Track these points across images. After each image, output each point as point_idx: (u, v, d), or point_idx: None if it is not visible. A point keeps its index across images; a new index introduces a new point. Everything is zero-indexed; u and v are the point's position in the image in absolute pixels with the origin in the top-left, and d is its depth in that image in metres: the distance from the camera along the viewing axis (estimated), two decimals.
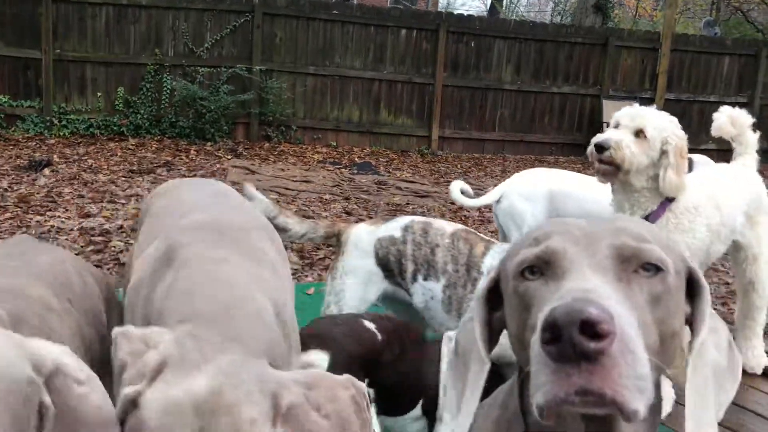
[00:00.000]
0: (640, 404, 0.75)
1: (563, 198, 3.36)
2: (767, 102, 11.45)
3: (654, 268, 0.87)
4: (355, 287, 2.55)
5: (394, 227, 2.59)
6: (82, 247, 5.21)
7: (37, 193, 6.57)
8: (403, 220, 2.64)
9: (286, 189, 7.53)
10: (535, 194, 3.41)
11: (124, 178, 7.47)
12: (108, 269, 4.80)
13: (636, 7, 21.33)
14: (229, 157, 9.02)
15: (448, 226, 2.60)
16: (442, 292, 2.49)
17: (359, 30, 10.23)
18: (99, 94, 9.46)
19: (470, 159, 10.50)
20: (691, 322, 0.96)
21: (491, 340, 1.00)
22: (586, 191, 3.28)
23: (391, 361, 2.10)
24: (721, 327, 0.98)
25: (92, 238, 5.46)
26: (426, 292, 2.52)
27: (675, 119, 2.59)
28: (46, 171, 7.35)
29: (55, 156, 8.11)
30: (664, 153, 2.51)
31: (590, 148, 2.59)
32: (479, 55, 10.66)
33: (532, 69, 10.86)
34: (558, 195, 3.38)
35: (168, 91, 9.53)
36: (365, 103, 10.46)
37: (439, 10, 14.17)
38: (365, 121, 10.50)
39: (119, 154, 8.62)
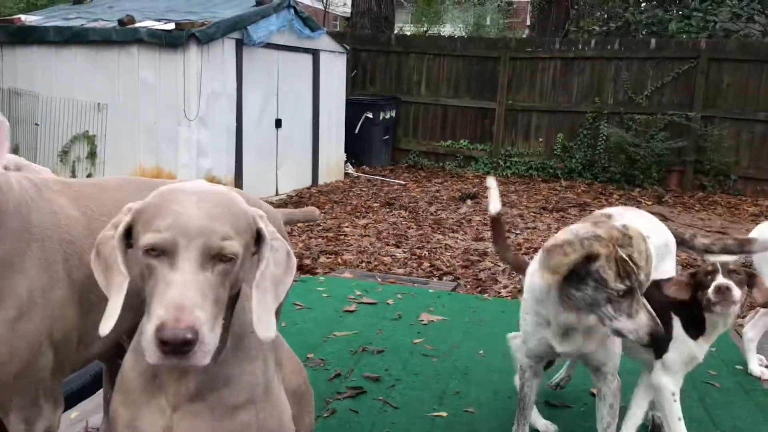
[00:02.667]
0: (207, 359, 1.23)
1: None
2: None
3: (229, 258, 1.27)
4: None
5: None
6: (456, 261, 6.09)
7: (452, 218, 7.77)
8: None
9: None
10: None
11: (533, 214, 8.17)
12: (466, 280, 5.55)
13: None
14: (650, 203, 8.90)
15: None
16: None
17: None
18: (540, 139, 10.42)
19: None
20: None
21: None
22: None
23: None
24: (280, 245, 1.38)
25: (470, 256, 6.30)
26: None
27: None
28: (469, 202, 8.56)
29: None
30: None
31: None
32: None
33: None
34: None
35: (604, 138, 9.91)
36: None
37: None
38: None
39: (544, 193, 9.37)
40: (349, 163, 10.28)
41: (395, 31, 13.78)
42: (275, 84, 8.53)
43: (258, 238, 1.38)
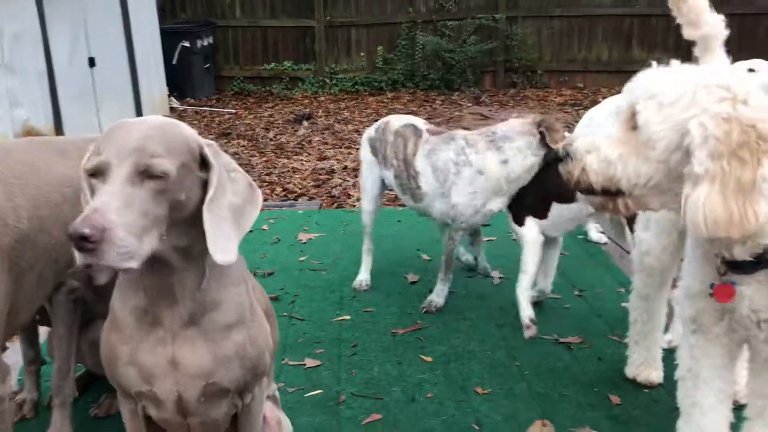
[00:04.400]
0: (128, 263, 1.28)
1: None
2: None
3: (158, 176, 1.33)
4: (366, 173, 3.46)
5: (374, 127, 3.38)
6: (307, 182, 6.24)
7: (293, 141, 7.86)
8: (381, 120, 3.39)
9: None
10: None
11: (367, 127, 8.45)
12: (321, 199, 5.74)
13: None
14: (470, 104, 9.52)
15: (397, 122, 3.26)
16: (395, 179, 3.25)
17: None
18: (362, 54, 10.63)
19: None
20: None
21: None
22: None
23: None
24: (241, 177, 1.49)
25: (318, 176, 6.48)
26: (387, 177, 3.33)
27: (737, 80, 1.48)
28: (306, 123, 8.66)
29: (320, 110, 9.46)
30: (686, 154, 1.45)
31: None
32: None
33: None
34: None
35: (421, 47, 10.30)
36: (615, 41, 10.09)
37: None
38: (615, 59, 10.14)
39: (373, 106, 9.68)
40: (172, 97, 9.89)
41: None
42: (82, 20, 7.92)
43: (206, 165, 1.43)
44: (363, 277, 3.51)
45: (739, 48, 2.79)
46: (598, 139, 1.60)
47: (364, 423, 2.41)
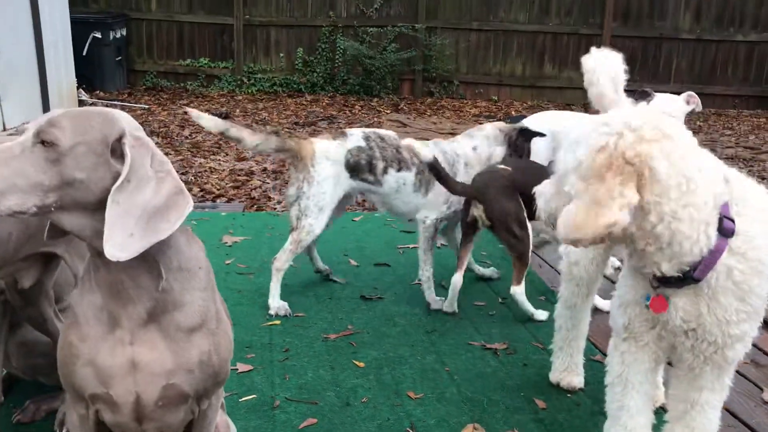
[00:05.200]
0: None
1: (562, 136, 3.57)
2: None
3: (49, 143, 1.36)
4: (331, 189, 3.31)
5: (357, 139, 3.38)
6: (225, 183, 6.14)
7: (209, 140, 7.71)
8: (358, 132, 3.41)
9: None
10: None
11: (287, 129, 8.41)
12: (240, 201, 5.66)
13: None
14: (389, 111, 9.64)
15: (393, 134, 3.51)
16: (415, 177, 3.39)
17: None
18: (281, 54, 10.56)
19: None
20: None
21: None
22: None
23: None
24: (170, 180, 1.41)
25: (237, 177, 6.39)
26: (398, 180, 3.38)
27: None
28: None
29: (238, 110, 9.32)
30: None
31: None
32: (652, 2, 10.11)
33: (714, 15, 10.07)
34: (558, 134, 3.62)
35: (341, 51, 10.34)
36: (529, 56, 10.47)
37: None
38: (528, 75, 10.52)
39: (292, 108, 9.63)
40: (81, 89, 9.49)
41: None
42: None
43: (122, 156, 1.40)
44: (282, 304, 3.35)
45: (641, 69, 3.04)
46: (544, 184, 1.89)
47: (300, 427, 2.42)
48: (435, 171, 3.13)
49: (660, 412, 2.23)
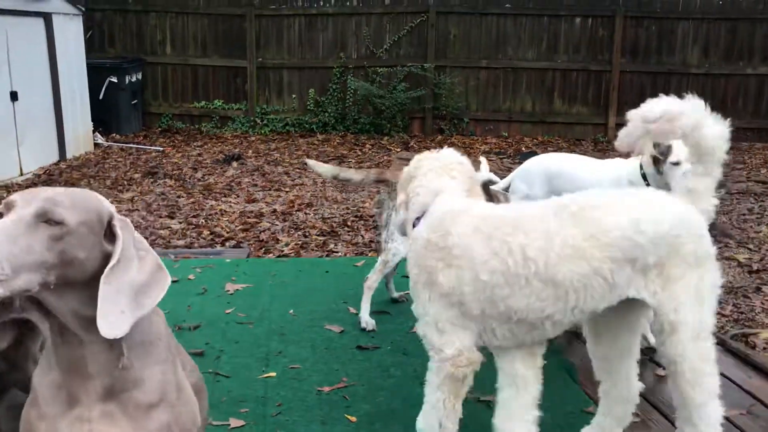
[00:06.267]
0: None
1: (557, 178, 3.57)
2: None
3: (56, 222, 1.38)
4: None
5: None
6: (235, 226, 6.22)
7: (221, 182, 7.83)
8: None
9: None
10: (530, 177, 3.69)
11: (297, 170, 8.51)
12: (249, 243, 5.73)
13: None
14: (399, 149, 9.72)
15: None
16: None
17: (532, 21, 10.34)
18: (294, 95, 10.73)
19: None
20: None
21: None
22: (578, 170, 3.51)
23: None
24: (150, 257, 1.50)
25: (247, 219, 6.47)
26: None
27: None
28: (234, 164, 8.65)
29: (250, 151, 9.46)
30: None
31: None
32: (661, 38, 10.18)
33: (723, 49, 10.10)
34: (553, 175, 3.61)
35: (352, 91, 10.49)
36: (538, 93, 10.55)
37: None
38: (538, 111, 10.59)
39: (303, 148, 9.76)
40: (97, 133, 9.70)
41: None
42: (5, 53, 7.72)
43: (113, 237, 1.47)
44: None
45: None
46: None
47: None
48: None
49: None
